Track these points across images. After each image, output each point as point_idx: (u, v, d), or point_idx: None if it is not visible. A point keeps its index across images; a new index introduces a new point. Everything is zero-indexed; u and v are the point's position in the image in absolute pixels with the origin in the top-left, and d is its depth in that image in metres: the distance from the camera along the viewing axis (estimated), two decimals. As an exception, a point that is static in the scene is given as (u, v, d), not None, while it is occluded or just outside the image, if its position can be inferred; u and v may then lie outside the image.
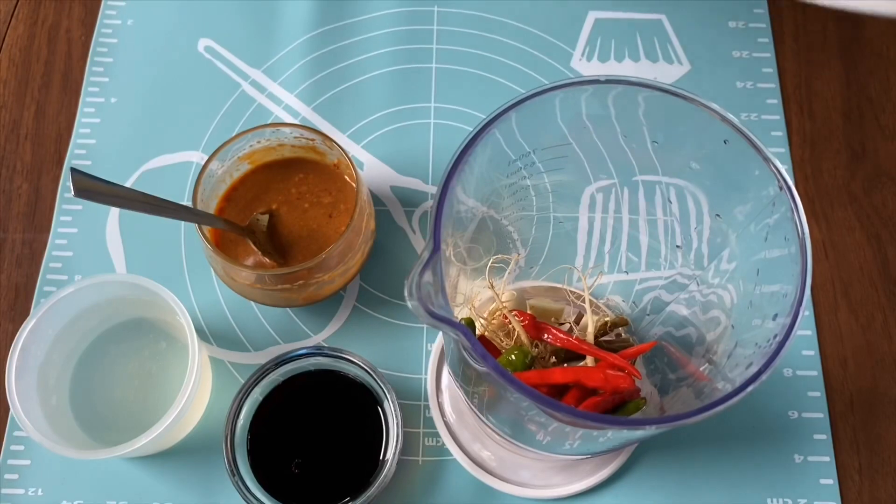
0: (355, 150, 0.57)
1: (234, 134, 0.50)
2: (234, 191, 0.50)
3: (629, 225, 0.45)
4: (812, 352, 0.51)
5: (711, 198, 0.38)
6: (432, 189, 0.56)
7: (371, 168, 0.56)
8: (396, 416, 0.45)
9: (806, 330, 0.52)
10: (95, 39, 0.60)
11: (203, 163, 0.46)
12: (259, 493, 0.44)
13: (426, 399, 0.49)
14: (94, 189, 0.38)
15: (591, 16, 0.62)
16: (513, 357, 0.40)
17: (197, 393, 0.45)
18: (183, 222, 0.54)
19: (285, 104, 0.58)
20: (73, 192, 0.37)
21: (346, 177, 0.50)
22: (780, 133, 0.57)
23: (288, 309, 0.52)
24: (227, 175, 0.49)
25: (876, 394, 0.50)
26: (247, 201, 0.50)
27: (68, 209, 0.55)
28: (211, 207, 0.49)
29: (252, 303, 0.52)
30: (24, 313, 0.52)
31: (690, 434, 0.49)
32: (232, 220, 0.49)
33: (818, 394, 0.50)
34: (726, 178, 0.36)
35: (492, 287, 0.42)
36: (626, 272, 0.47)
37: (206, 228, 0.46)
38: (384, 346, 0.51)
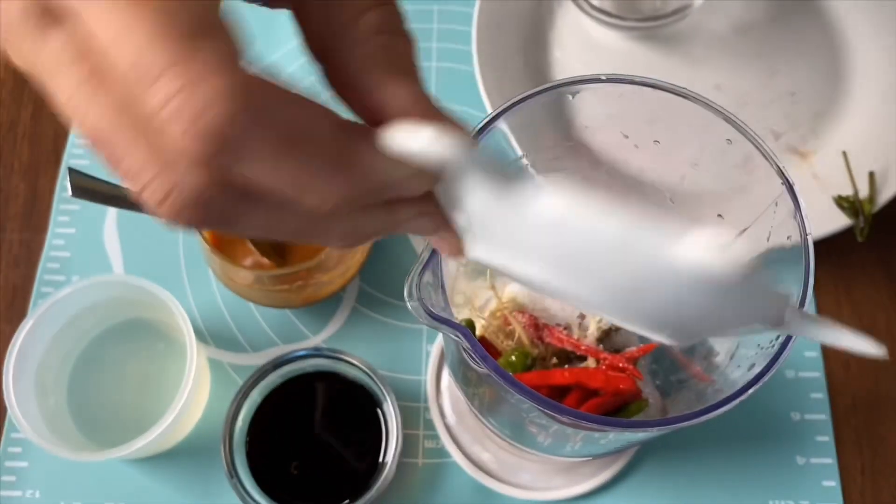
0: (355, 150, 0.57)
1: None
2: None
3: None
4: (814, 353, 0.51)
5: (713, 197, 0.38)
6: (432, 189, 0.56)
7: (371, 168, 0.56)
8: (396, 418, 0.45)
9: (808, 331, 0.51)
10: (94, 39, 0.60)
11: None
12: (258, 495, 0.43)
13: (426, 401, 0.49)
14: (91, 189, 0.38)
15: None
16: (513, 358, 0.40)
17: (195, 394, 0.45)
18: (181, 222, 0.54)
19: (284, 104, 0.58)
20: (70, 192, 0.37)
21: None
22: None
23: (287, 310, 0.52)
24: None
25: (878, 395, 0.50)
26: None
27: (66, 209, 0.54)
28: None
29: (251, 304, 0.51)
30: (21, 314, 0.51)
31: (692, 436, 0.49)
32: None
33: (821, 395, 0.50)
34: (728, 178, 0.36)
35: (492, 287, 0.42)
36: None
37: (204, 229, 0.46)
38: (384, 348, 0.51)
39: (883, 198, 0.50)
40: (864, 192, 0.50)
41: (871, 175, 0.50)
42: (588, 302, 0.23)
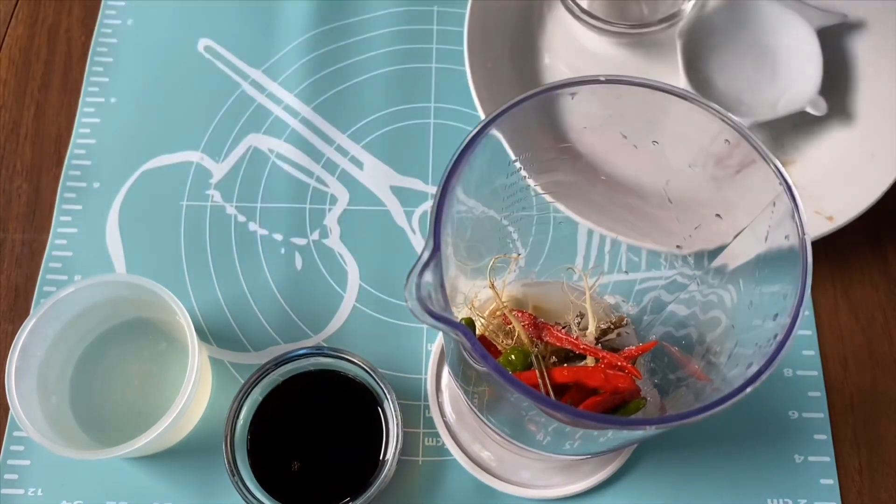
0: (355, 150, 0.57)
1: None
2: None
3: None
4: (812, 352, 0.51)
5: (711, 197, 0.38)
6: (432, 189, 0.56)
7: (371, 168, 0.56)
8: (396, 417, 0.45)
9: (806, 330, 0.52)
10: (95, 39, 0.60)
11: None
12: (259, 493, 0.44)
13: (426, 399, 0.49)
14: None
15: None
16: (513, 357, 0.40)
17: (197, 393, 0.45)
18: (182, 221, 0.54)
19: (285, 104, 0.58)
20: None
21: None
22: (781, 133, 0.57)
23: (288, 309, 0.52)
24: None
25: (876, 394, 0.50)
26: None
27: (68, 209, 0.55)
28: None
29: (252, 302, 0.52)
30: (23, 313, 0.52)
31: (691, 434, 0.49)
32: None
33: (818, 394, 0.50)
34: (726, 178, 0.36)
35: (492, 287, 0.42)
36: (627, 272, 0.47)
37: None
38: (384, 346, 0.51)
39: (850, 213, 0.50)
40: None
41: None
42: None
